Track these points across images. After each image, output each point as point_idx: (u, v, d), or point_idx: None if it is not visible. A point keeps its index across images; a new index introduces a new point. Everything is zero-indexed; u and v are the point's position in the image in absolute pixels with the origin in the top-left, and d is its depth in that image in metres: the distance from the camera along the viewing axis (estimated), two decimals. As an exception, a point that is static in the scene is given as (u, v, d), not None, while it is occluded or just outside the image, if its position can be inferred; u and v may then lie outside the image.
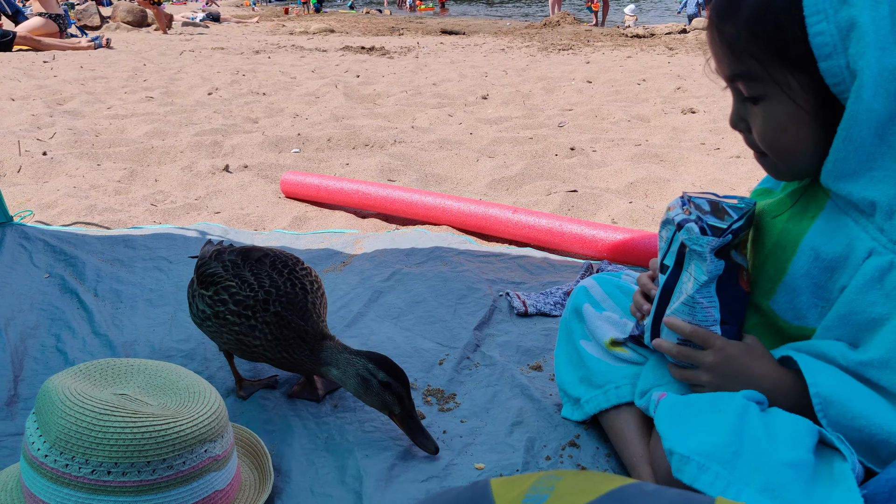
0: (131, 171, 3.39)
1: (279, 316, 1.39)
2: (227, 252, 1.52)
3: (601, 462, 1.29)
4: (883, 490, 0.89)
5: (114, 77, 6.34)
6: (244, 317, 1.39)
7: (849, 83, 0.94)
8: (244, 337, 1.41)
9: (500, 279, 2.12)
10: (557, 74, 6.74)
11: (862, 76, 0.92)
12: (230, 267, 1.46)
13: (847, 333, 1.02)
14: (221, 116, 4.67)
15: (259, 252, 1.51)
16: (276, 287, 1.41)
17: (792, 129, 1.01)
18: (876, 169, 0.98)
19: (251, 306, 1.39)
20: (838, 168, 0.98)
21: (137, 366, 1.22)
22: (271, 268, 1.46)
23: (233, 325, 1.41)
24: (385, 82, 6.24)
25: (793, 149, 1.02)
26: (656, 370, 1.22)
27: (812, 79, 0.97)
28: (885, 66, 0.92)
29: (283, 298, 1.40)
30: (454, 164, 3.55)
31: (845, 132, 0.96)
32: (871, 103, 0.93)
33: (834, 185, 1.00)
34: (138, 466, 1.06)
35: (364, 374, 1.32)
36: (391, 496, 1.19)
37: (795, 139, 1.01)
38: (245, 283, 1.42)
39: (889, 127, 0.96)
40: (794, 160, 1.04)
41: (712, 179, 3.25)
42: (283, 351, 1.39)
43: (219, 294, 1.43)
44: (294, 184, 2.97)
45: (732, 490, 0.91)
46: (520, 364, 1.65)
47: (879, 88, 0.93)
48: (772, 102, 1.01)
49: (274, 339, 1.38)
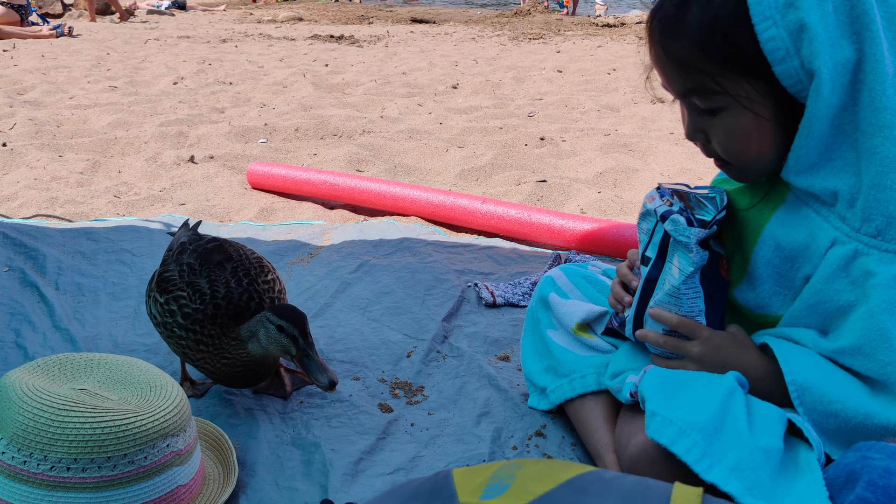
0: (94, 162, 3.34)
1: (223, 326, 1.34)
2: (190, 252, 1.45)
3: (567, 451, 1.30)
4: (840, 475, 0.90)
5: (76, 66, 6.24)
6: (192, 332, 1.35)
7: (805, 83, 0.95)
8: (189, 351, 1.37)
9: (469, 270, 2.12)
10: (528, 64, 6.74)
11: (820, 75, 0.93)
12: (186, 272, 1.40)
13: (816, 322, 1.04)
14: (187, 106, 4.61)
15: (221, 255, 1.44)
16: (227, 300, 1.36)
17: (754, 136, 1.01)
18: (836, 159, 0.98)
19: (199, 320, 1.34)
20: (800, 163, 0.99)
21: (97, 360, 1.20)
22: (232, 274, 1.40)
23: (179, 338, 1.37)
24: (354, 71, 6.20)
25: (756, 155, 1.03)
26: (629, 354, 1.22)
27: (768, 83, 0.97)
28: (838, 61, 0.94)
29: (231, 311, 1.35)
30: (423, 155, 3.54)
31: (807, 130, 0.97)
32: (830, 98, 0.95)
33: (796, 179, 1.01)
34: (98, 462, 1.04)
35: (264, 325, 1.31)
36: (357, 489, 1.19)
37: (758, 146, 1.02)
38: (197, 293, 1.36)
39: (844, 117, 0.97)
40: (758, 164, 1.05)
41: (681, 169, 3.27)
42: (223, 358, 1.34)
43: (169, 304, 1.38)
44: (260, 174, 2.94)
45: (706, 462, 0.92)
46: (487, 355, 1.64)
47: (836, 83, 0.94)
48: (730, 113, 1.01)
49: (214, 348, 1.34)
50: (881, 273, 0.95)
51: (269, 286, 1.42)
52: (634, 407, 1.15)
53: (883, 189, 0.94)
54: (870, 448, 0.89)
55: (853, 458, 0.90)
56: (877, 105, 0.93)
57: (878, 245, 0.96)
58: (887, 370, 0.96)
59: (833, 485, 0.91)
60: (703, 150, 1.08)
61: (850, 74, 0.95)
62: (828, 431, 1.00)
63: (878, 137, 0.94)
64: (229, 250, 1.45)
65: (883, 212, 0.95)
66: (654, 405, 1.01)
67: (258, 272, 1.42)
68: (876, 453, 0.88)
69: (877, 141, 0.94)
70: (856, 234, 0.98)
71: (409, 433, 1.35)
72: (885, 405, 0.97)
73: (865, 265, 0.97)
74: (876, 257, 0.96)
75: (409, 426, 1.37)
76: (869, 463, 0.87)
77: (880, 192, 0.94)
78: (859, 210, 0.97)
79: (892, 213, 0.94)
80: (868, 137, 0.95)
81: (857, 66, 0.94)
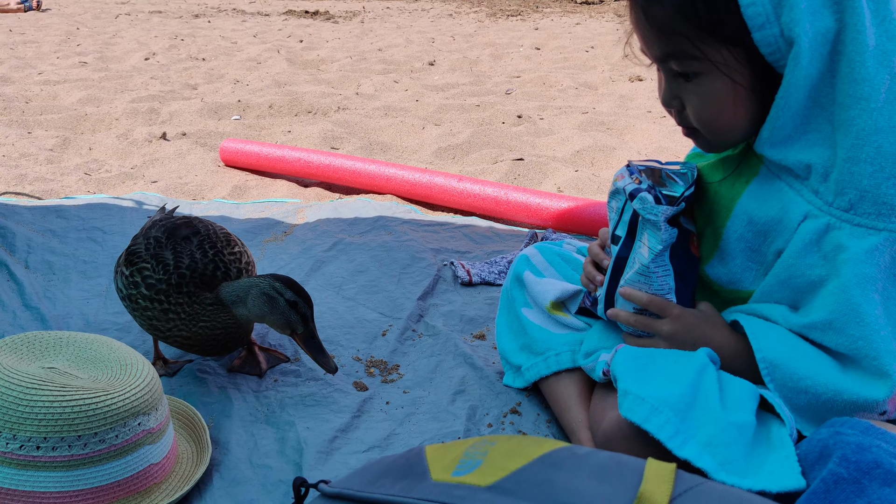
0: (64, 139, 3.29)
1: (190, 295, 1.33)
2: (158, 227, 1.45)
3: (542, 428, 1.30)
4: (813, 450, 0.90)
5: (45, 41, 6.13)
6: (157, 301, 1.34)
7: (784, 52, 0.94)
8: (157, 322, 1.35)
9: (445, 248, 2.11)
10: (505, 41, 6.71)
11: (799, 43, 0.92)
12: (152, 245, 1.39)
13: (787, 297, 1.04)
14: (159, 83, 4.55)
15: (189, 229, 1.43)
16: (191, 269, 1.35)
17: (729, 104, 1.00)
18: (811, 132, 0.98)
19: (163, 290, 1.33)
20: (775, 135, 0.99)
21: (67, 338, 1.19)
22: (198, 247, 1.39)
23: (144, 309, 1.35)
24: (329, 48, 6.15)
25: (729, 124, 1.02)
26: (602, 333, 1.22)
27: (747, 51, 0.96)
28: (818, 31, 0.92)
29: (196, 279, 1.34)
30: (399, 132, 3.52)
31: (784, 100, 0.96)
32: (809, 69, 0.94)
33: (769, 151, 1.00)
34: (69, 441, 1.03)
35: (270, 293, 1.31)
36: (331, 467, 1.18)
37: (733, 114, 1.01)
38: (161, 265, 1.35)
39: (821, 89, 0.96)
40: (730, 135, 1.04)
41: (658, 147, 3.27)
42: (200, 321, 1.33)
43: (133, 276, 1.37)
44: (234, 152, 2.91)
45: (679, 438, 0.93)
46: (463, 333, 1.64)
47: (815, 53, 0.93)
48: (707, 79, 0.99)
49: (187, 316, 1.33)
50: (853, 247, 0.95)
51: (235, 258, 1.42)
52: (608, 384, 1.15)
53: (857, 162, 0.94)
54: (843, 424, 0.90)
55: (826, 434, 0.90)
56: (855, 76, 0.92)
57: (851, 219, 0.96)
58: (857, 345, 0.96)
59: (806, 460, 0.91)
60: (676, 118, 1.07)
61: (829, 45, 0.94)
62: (799, 408, 1.01)
63: (854, 109, 0.93)
64: (198, 226, 1.45)
65: (856, 185, 0.94)
66: (626, 384, 1.00)
67: (224, 245, 1.43)
68: (849, 429, 0.88)
69: (853, 113, 0.93)
70: (828, 207, 0.98)
71: (384, 411, 1.34)
72: (854, 381, 0.98)
73: (837, 239, 0.96)
74: (848, 231, 0.96)
75: (385, 404, 1.36)
76: (842, 438, 0.87)
77: (854, 165, 0.94)
78: (833, 183, 0.97)
79: (866, 186, 0.94)
80: (845, 109, 0.94)
81: (836, 37, 0.93)
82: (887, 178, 0.93)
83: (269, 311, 1.31)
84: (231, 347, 1.40)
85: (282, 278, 1.33)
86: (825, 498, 0.83)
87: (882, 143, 0.93)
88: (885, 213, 0.94)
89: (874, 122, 0.92)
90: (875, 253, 0.95)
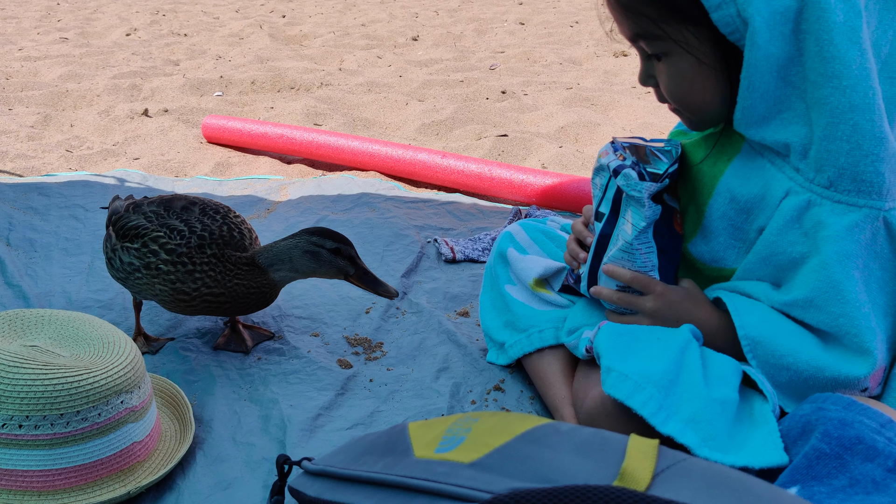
0: (45, 115, 3.25)
1: (218, 256, 1.35)
2: (147, 204, 1.44)
3: (525, 405, 1.30)
4: (796, 426, 0.91)
5: (25, 17, 6.05)
6: (179, 264, 1.33)
7: (742, 31, 0.94)
8: (181, 285, 1.34)
9: (429, 225, 2.11)
10: (490, 16, 6.67)
11: (753, 23, 0.92)
12: (154, 218, 1.39)
13: (769, 274, 1.04)
14: (140, 58, 4.50)
15: (184, 200, 1.44)
16: (208, 231, 1.36)
17: (697, 82, 1.01)
18: (785, 111, 0.98)
19: (185, 253, 1.33)
20: (748, 115, 0.99)
21: (48, 316, 1.18)
22: (202, 214, 1.41)
23: (167, 274, 1.34)
24: (312, 23, 6.09)
25: (700, 101, 1.03)
26: (586, 310, 1.22)
27: (708, 30, 0.96)
28: (776, 10, 0.92)
29: (218, 241, 1.36)
30: (383, 108, 3.50)
31: (747, 80, 0.96)
32: (768, 48, 0.93)
33: (747, 131, 1.01)
34: (51, 419, 1.02)
35: (311, 249, 1.34)
36: (315, 444, 1.18)
37: (701, 92, 1.02)
38: (175, 231, 1.36)
39: (790, 68, 0.96)
40: (705, 112, 1.04)
41: (642, 123, 3.27)
42: (234, 279, 1.35)
43: (147, 245, 1.35)
44: (216, 128, 2.88)
45: (662, 415, 0.93)
46: (447, 310, 1.64)
47: (774, 32, 0.93)
48: (674, 58, 1.00)
49: (218, 274, 1.34)
50: (833, 224, 0.95)
51: (240, 220, 1.44)
52: (591, 361, 1.15)
53: (833, 140, 0.94)
54: (825, 400, 0.90)
55: (809, 410, 0.91)
56: (824, 55, 0.92)
57: (831, 196, 0.96)
58: (838, 322, 0.97)
59: (788, 436, 0.92)
60: (657, 96, 1.09)
61: (791, 23, 0.93)
62: (781, 385, 1.01)
63: (827, 88, 0.93)
64: (189, 197, 1.46)
65: (834, 163, 0.94)
66: (609, 360, 1.01)
67: (227, 210, 1.45)
68: (831, 404, 0.89)
69: (826, 91, 0.93)
70: (809, 184, 0.98)
71: (367, 389, 1.34)
72: (836, 358, 0.98)
73: (818, 216, 0.97)
74: (828, 208, 0.96)
75: (368, 382, 1.37)
76: (824, 414, 0.88)
77: (831, 143, 0.94)
78: (812, 161, 0.97)
79: (843, 164, 0.94)
80: (817, 88, 0.94)
81: (798, 15, 0.93)
82: (865, 156, 0.93)
83: (317, 266, 1.35)
84: (261, 305, 1.41)
85: (316, 231, 1.36)
86: (807, 473, 0.84)
87: (858, 120, 0.92)
88: (864, 190, 0.94)
89: (848, 99, 0.92)
90: (855, 230, 0.95)
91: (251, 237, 1.43)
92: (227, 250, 1.36)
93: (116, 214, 1.45)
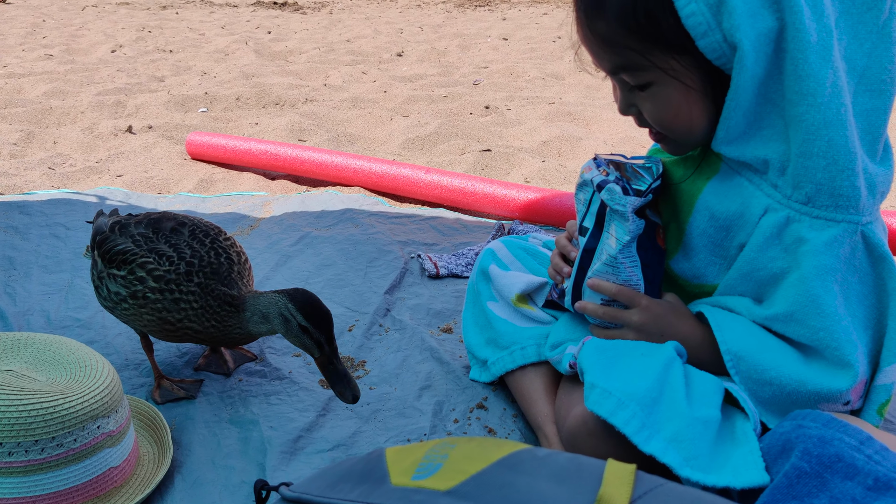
0: (28, 132, 3.23)
1: (203, 286, 1.29)
2: (134, 224, 1.39)
3: (508, 423, 1.29)
4: (776, 444, 0.91)
5: (10, 34, 6.03)
6: (167, 291, 1.29)
7: (729, 55, 0.95)
8: (167, 314, 1.30)
9: (412, 241, 2.10)
10: (473, 31, 6.70)
11: (742, 47, 0.92)
12: (142, 242, 1.34)
13: (750, 289, 1.04)
14: (125, 75, 4.49)
15: (173, 221, 1.39)
16: (198, 258, 1.31)
17: (683, 108, 1.01)
18: (765, 128, 0.99)
19: (173, 280, 1.28)
20: (730, 133, 0.99)
21: (25, 339, 1.16)
22: (191, 237, 1.35)
23: (154, 302, 1.29)
24: (297, 39, 6.10)
25: (686, 126, 1.02)
26: (569, 325, 1.22)
27: (694, 57, 0.97)
28: (760, 32, 0.93)
29: (206, 269, 1.30)
30: (367, 123, 3.49)
31: (734, 101, 0.96)
32: (755, 69, 0.94)
33: (727, 149, 1.01)
34: (25, 446, 1.01)
35: (285, 314, 1.25)
36: (295, 467, 1.17)
37: (688, 117, 1.02)
38: (163, 257, 1.30)
39: (770, 86, 0.97)
40: (690, 136, 1.04)
41: (624, 138, 3.28)
42: (212, 319, 1.29)
43: (134, 273, 1.30)
44: (200, 144, 2.87)
45: (644, 433, 0.92)
46: (430, 327, 1.63)
47: (759, 53, 0.94)
48: (659, 87, 1.00)
49: (200, 307, 1.28)
50: (812, 239, 0.96)
51: (229, 243, 1.38)
52: (574, 378, 1.15)
53: (810, 157, 0.94)
54: (805, 417, 0.90)
55: (789, 427, 0.90)
56: (800, 73, 0.93)
57: (809, 212, 0.97)
58: (819, 335, 0.97)
59: (769, 454, 0.92)
60: (637, 122, 1.08)
61: (773, 44, 0.94)
62: (764, 400, 1.01)
63: (802, 105, 0.94)
64: (179, 217, 1.41)
65: (811, 179, 0.95)
66: (592, 377, 1.00)
67: (217, 233, 1.39)
68: (811, 422, 0.89)
69: (802, 109, 0.94)
70: (787, 201, 0.98)
71: (349, 409, 1.33)
72: (817, 372, 0.98)
73: (797, 232, 0.97)
74: (807, 224, 0.97)
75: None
76: (804, 432, 0.87)
77: (808, 160, 0.95)
78: (790, 177, 0.97)
79: (820, 180, 0.95)
80: (794, 106, 0.95)
81: (779, 35, 0.94)
82: (841, 171, 0.94)
83: (286, 332, 1.26)
84: (246, 340, 1.34)
85: (298, 298, 1.25)
86: (788, 493, 0.83)
87: (832, 136, 0.93)
88: (842, 204, 0.95)
89: (822, 116, 0.93)
90: (834, 244, 0.96)
91: (240, 262, 1.37)
92: (212, 282, 1.30)
93: (101, 235, 1.40)
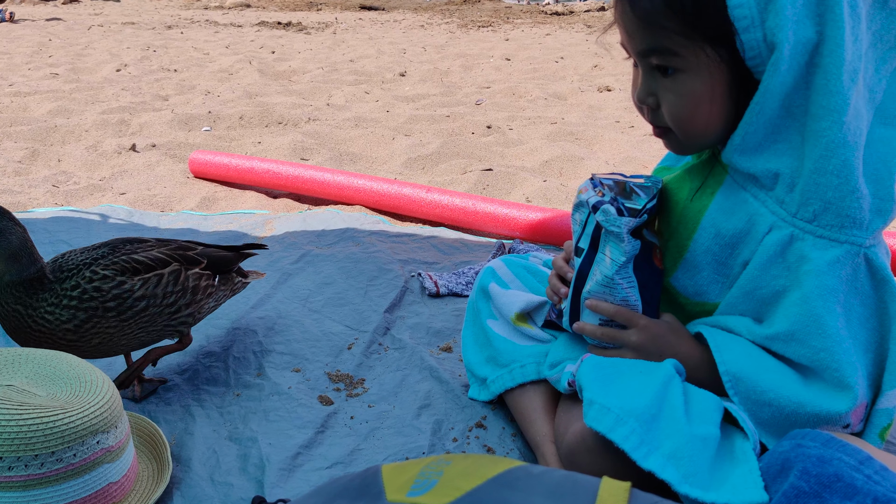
0: (33, 150, 3.25)
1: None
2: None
3: (507, 442, 1.29)
4: (775, 463, 0.90)
5: (17, 53, 6.07)
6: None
7: (764, 56, 0.93)
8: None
9: (413, 259, 2.11)
10: (476, 52, 6.73)
11: (781, 49, 0.91)
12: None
13: (751, 308, 1.04)
14: (130, 94, 4.52)
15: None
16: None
17: (705, 104, 0.99)
18: (781, 141, 0.98)
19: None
20: (746, 142, 0.98)
21: (25, 355, 1.17)
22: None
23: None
24: (301, 59, 6.14)
25: (703, 124, 1.01)
26: (568, 344, 1.22)
27: (729, 52, 0.95)
28: (799, 40, 0.92)
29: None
30: (369, 143, 3.51)
31: (759, 106, 0.95)
32: (786, 76, 0.93)
33: (739, 159, 1.00)
34: (25, 461, 1.01)
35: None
36: (294, 484, 1.17)
37: (708, 114, 1.00)
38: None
39: (794, 98, 0.96)
40: (702, 136, 1.03)
41: (626, 157, 3.29)
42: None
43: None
44: (203, 163, 2.89)
45: (643, 450, 0.92)
46: (430, 346, 1.63)
47: (793, 62, 0.93)
48: (686, 76, 0.98)
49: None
50: (815, 259, 0.95)
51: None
52: (573, 396, 1.15)
53: (824, 173, 0.94)
54: (804, 436, 0.90)
55: (787, 447, 0.90)
56: (830, 88, 0.92)
57: (813, 230, 0.96)
58: (819, 356, 0.97)
59: (768, 473, 0.91)
60: (649, 117, 1.05)
61: (807, 56, 0.93)
62: (763, 421, 1.01)
63: (826, 121, 0.93)
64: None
65: (821, 196, 0.95)
66: (591, 393, 1.00)
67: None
68: (810, 441, 0.88)
69: (825, 124, 0.93)
70: (792, 218, 0.98)
71: (348, 426, 1.33)
72: (817, 393, 0.98)
73: (800, 250, 0.97)
74: (811, 243, 0.96)
75: (349, 419, 1.36)
76: (803, 451, 0.87)
77: (821, 177, 0.94)
78: (798, 194, 0.97)
79: (831, 198, 0.94)
80: (816, 120, 0.94)
81: (815, 49, 0.93)
82: (851, 192, 0.94)
83: None
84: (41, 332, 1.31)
85: None
86: (786, 512, 0.83)
87: (848, 156, 0.93)
88: (846, 225, 0.95)
89: (843, 135, 0.93)
90: (837, 265, 0.95)
91: None
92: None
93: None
